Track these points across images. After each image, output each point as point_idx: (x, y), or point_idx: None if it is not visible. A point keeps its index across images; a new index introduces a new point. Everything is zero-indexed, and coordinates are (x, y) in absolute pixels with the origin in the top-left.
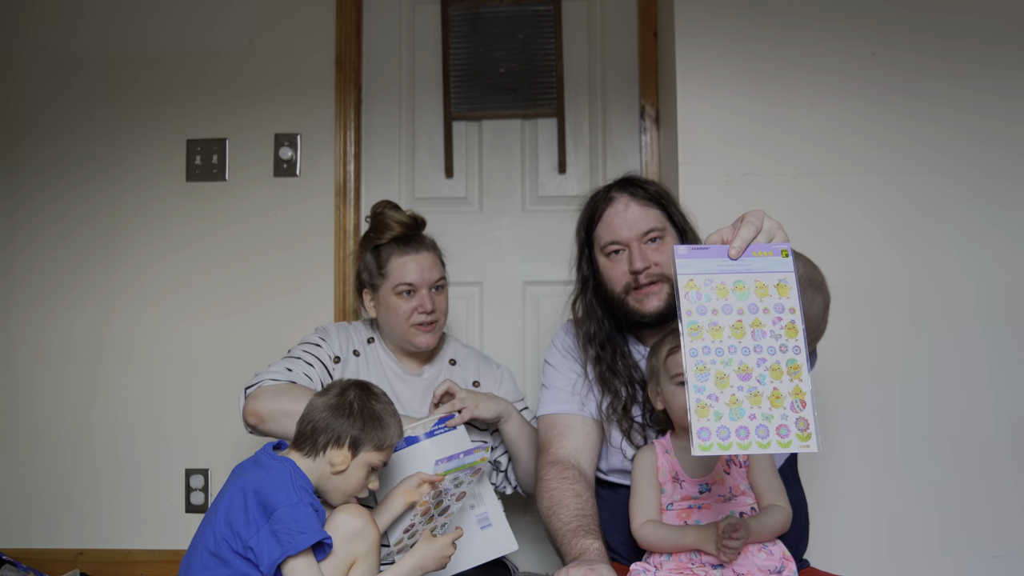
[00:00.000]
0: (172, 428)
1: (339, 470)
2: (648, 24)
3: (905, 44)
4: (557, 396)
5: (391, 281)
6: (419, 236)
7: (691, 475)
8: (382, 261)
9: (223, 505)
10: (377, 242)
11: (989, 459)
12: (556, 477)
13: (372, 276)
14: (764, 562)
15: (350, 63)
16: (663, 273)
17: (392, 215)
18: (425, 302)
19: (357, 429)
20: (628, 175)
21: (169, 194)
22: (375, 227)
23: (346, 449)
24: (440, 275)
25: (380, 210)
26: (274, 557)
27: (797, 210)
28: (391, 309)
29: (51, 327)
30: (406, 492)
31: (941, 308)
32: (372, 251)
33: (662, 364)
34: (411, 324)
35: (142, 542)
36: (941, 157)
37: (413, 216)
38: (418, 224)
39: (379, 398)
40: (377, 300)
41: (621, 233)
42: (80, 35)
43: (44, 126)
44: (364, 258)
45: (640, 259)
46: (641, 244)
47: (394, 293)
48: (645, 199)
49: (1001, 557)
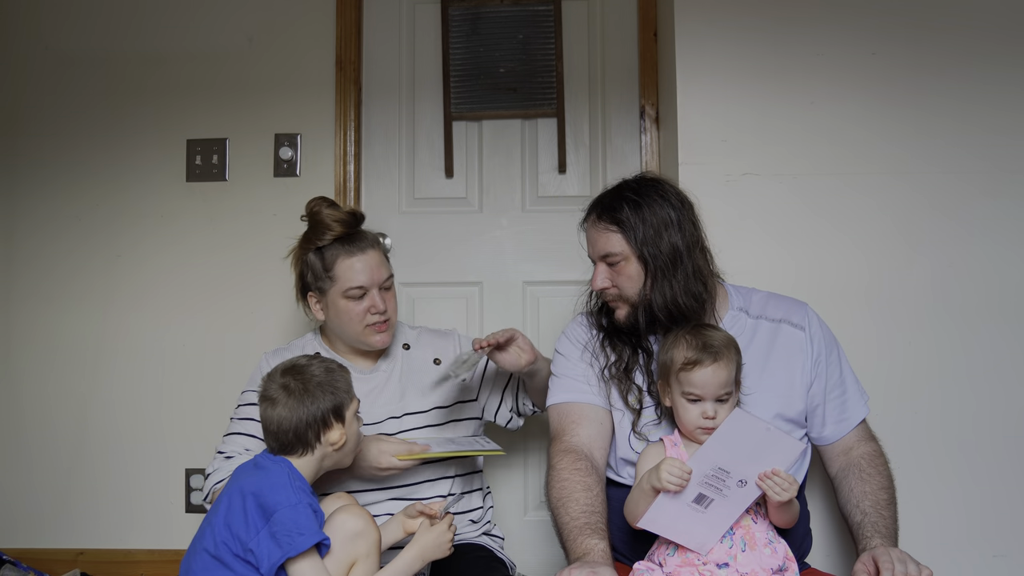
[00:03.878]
0: (172, 427)
1: (342, 444)
2: (648, 24)
3: (906, 43)
4: (570, 385)
5: (340, 285)
6: (362, 234)
7: None
8: (328, 263)
9: (222, 508)
10: (318, 243)
11: (989, 459)
12: (568, 467)
13: (318, 279)
14: (769, 560)
15: (350, 63)
16: (620, 294)
17: (330, 213)
18: (377, 302)
19: (328, 402)
20: (617, 185)
21: (169, 194)
22: (314, 228)
23: (335, 423)
24: (388, 273)
25: (316, 209)
26: (274, 559)
27: (797, 210)
28: (342, 312)
29: (51, 326)
30: (405, 522)
31: (944, 308)
32: (315, 253)
33: (675, 373)
34: (365, 326)
35: (142, 542)
36: (943, 155)
37: (352, 212)
38: (358, 220)
39: (308, 365)
40: (325, 303)
41: (589, 250)
42: (80, 35)
43: (44, 126)
44: (306, 260)
45: (598, 280)
46: (603, 263)
47: (344, 296)
48: (608, 222)
49: (1001, 557)
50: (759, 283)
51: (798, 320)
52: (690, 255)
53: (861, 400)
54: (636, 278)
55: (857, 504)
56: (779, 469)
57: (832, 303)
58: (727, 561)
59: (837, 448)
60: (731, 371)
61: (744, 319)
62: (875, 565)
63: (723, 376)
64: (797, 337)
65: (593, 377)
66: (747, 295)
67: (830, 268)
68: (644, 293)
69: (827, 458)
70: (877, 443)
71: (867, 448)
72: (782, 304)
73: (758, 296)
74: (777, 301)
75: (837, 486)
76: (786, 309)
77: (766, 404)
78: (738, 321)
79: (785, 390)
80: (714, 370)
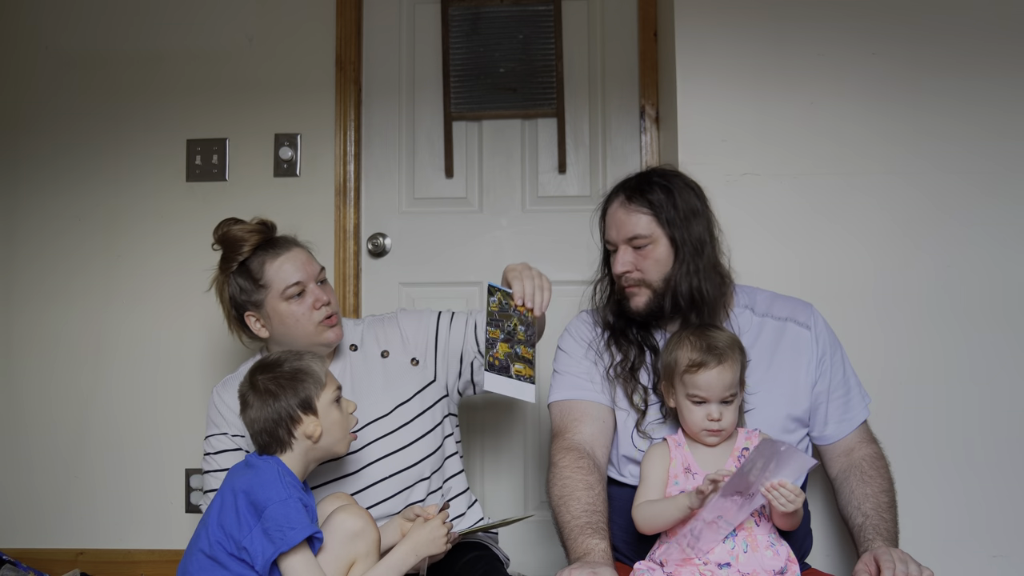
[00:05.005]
0: (172, 427)
1: (319, 435)
2: (648, 24)
3: (906, 43)
4: (573, 382)
5: (276, 288)
6: (279, 237)
7: (704, 468)
8: (255, 273)
9: (215, 508)
10: (239, 259)
11: (989, 459)
12: (571, 465)
13: (251, 294)
14: (770, 562)
15: (350, 63)
16: (643, 279)
17: (239, 228)
18: (319, 295)
19: (293, 396)
20: (641, 172)
21: (169, 194)
22: (229, 246)
23: (306, 417)
24: (320, 266)
25: (225, 230)
26: (267, 555)
27: (797, 210)
28: (287, 317)
29: (51, 326)
30: (403, 524)
31: (944, 308)
32: (239, 270)
33: (679, 374)
34: (316, 323)
35: (142, 542)
36: (943, 155)
37: (261, 221)
38: (269, 228)
39: (277, 361)
40: (265, 316)
41: (611, 234)
42: (80, 35)
43: (44, 126)
44: (232, 282)
45: (620, 263)
46: (628, 247)
47: (283, 299)
48: (639, 204)
49: (1001, 557)
50: (759, 283)
51: (803, 319)
52: (711, 246)
53: (863, 401)
54: (663, 261)
55: (858, 506)
56: (786, 481)
57: (832, 303)
58: (728, 561)
59: (838, 449)
60: (736, 372)
61: (750, 316)
62: (876, 565)
63: (728, 378)
64: (803, 336)
65: (596, 374)
66: (752, 293)
67: (830, 268)
68: (670, 277)
69: (828, 459)
70: (878, 445)
71: (869, 450)
72: (787, 303)
73: (763, 295)
74: (782, 300)
75: (838, 488)
76: (791, 308)
77: (773, 402)
78: (743, 318)
79: (790, 388)
80: (719, 372)
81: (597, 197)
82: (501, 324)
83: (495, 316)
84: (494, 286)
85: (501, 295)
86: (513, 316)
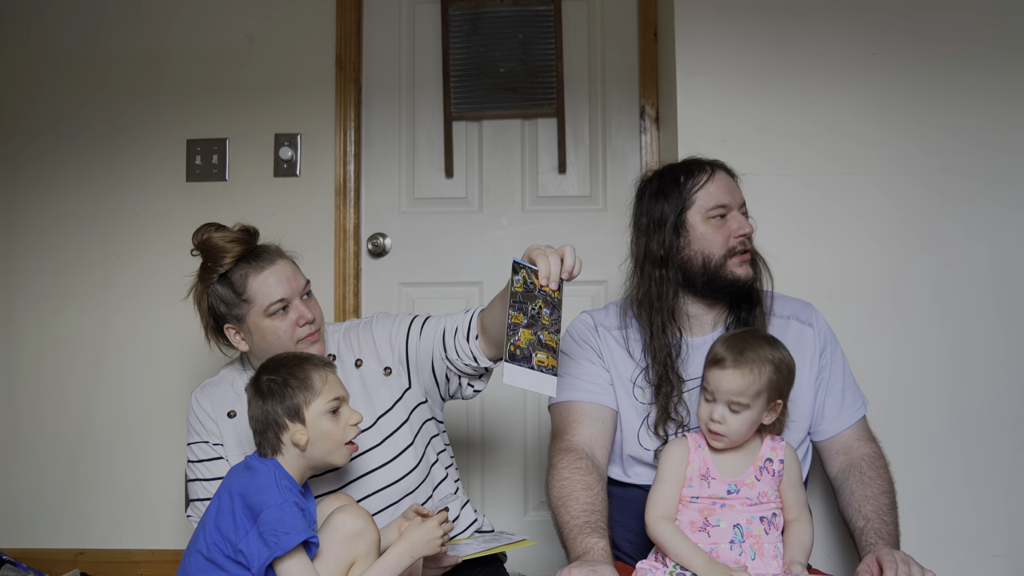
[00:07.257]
0: (172, 427)
1: (305, 443)
2: (648, 24)
3: (906, 43)
4: (573, 384)
5: (259, 304)
6: (263, 247)
7: (722, 475)
8: (238, 287)
9: (213, 510)
10: (220, 270)
11: (989, 458)
12: (569, 466)
13: (232, 307)
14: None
15: (350, 63)
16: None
17: (221, 236)
18: (304, 312)
19: (281, 403)
20: None
21: (169, 194)
22: (209, 255)
23: (293, 424)
24: (305, 279)
25: (205, 237)
26: (262, 559)
27: (797, 210)
28: (269, 334)
29: (51, 327)
30: (402, 525)
31: (942, 308)
32: (220, 281)
33: (706, 364)
34: (297, 341)
35: (142, 542)
36: (943, 156)
37: (244, 228)
38: (252, 235)
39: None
40: (246, 330)
41: (725, 198)
42: (80, 35)
43: (44, 126)
44: (213, 292)
45: (748, 224)
46: (740, 213)
47: (266, 316)
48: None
49: (1001, 557)
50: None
51: (806, 317)
52: None
53: (860, 399)
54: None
55: (859, 509)
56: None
57: (834, 301)
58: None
59: (837, 446)
60: (753, 385)
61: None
62: (879, 566)
63: (738, 384)
64: (805, 333)
65: (596, 376)
66: None
67: (832, 266)
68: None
69: (827, 457)
70: (877, 444)
71: (868, 449)
72: (789, 302)
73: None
74: (784, 300)
75: (838, 488)
76: (793, 307)
77: None
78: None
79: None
80: (731, 374)
81: (597, 197)
82: (525, 307)
83: (519, 297)
84: (519, 263)
85: (526, 272)
86: (538, 297)
